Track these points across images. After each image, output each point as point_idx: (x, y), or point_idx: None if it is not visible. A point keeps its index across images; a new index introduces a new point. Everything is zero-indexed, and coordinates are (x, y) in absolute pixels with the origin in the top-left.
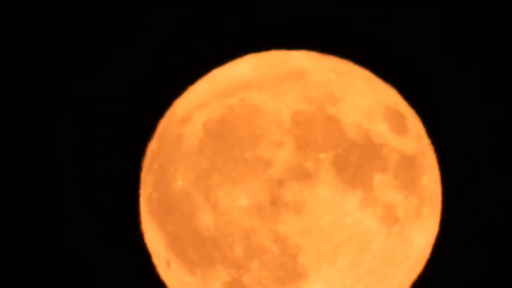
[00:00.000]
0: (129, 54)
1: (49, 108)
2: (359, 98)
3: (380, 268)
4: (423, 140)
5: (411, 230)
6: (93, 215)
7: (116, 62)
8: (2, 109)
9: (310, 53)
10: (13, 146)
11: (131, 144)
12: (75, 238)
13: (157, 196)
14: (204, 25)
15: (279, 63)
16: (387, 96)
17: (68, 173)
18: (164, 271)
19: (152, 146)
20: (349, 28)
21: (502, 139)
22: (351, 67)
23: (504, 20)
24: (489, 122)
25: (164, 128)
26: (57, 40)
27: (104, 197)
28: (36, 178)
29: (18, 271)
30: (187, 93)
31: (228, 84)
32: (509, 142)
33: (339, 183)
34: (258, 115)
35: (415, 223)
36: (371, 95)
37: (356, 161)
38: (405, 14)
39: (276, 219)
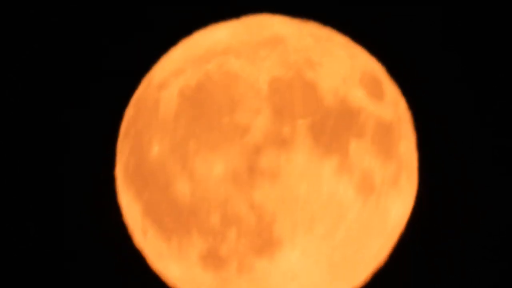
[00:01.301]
0: (107, 20)
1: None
2: (336, 63)
3: (357, 236)
4: (400, 106)
5: (388, 198)
6: (68, 181)
7: (94, 27)
8: None
9: (290, 19)
10: None
11: (108, 110)
12: (50, 204)
13: (133, 163)
14: None
15: (258, 29)
16: (365, 62)
17: (44, 137)
18: (140, 239)
19: (129, 113)
20: None
21: (480, 105)
22: (330, 33)
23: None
24: (467, 89)
25: (141, 94)
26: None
27: (80, 163)
28: (11, 143)
29: None
30: (164, 59)
31: (206, 50)
32: (487, 109)
33: (316, 149)
34: (235, 81)
35: (392, 191)
36: (349, 61)
37: (333, 126)
38: None
39: (252, 186)
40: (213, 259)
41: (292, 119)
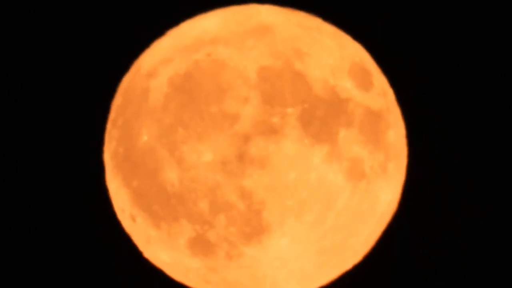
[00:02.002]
0: (96, 9)
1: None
2: (325, 54)
3: (345, 223)
4: (388, 96)
5: (377, 186)
6: (57, 170)
7: (81, 16)
8: None
9: (278, 8)
10: None
11: (97, 98)
12: (39, 192)
13: (122, 151)
14: None
15: (246, 18)
16: (353, 52)
17: (32, 126)
18: (129, 225)
19: (117, 101)
20: None
21: (468, 93)
22: (319, 23)
23: None
24: (455, 79)
25: (130, 83)
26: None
27: (69, 151)
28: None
29: None
30: (153, 48)
31: (194, 39)
32: (475, 99)
33: (305, 138)
34: (224, 70)
35: (381, 179)
36: (338, 51)
37: (322, 116)
38: None
39: (241, 174)
40: (201, 246)
41: (281, 108)
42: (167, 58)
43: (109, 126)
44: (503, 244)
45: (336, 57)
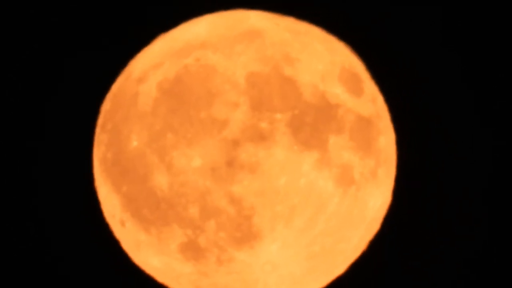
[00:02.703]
0: (86, 14)
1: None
2: (315, 59)
3: (335, 228)
4: (378, 102)
5: (367, 192)
6: (46, 174)
7: (72, 21)
8: None
9: (267, 13)
10: None
11: (86, 103)
12: (28, 197)
13: (111, 156)
14: None
15: (235, 23)
16: (343, 57)
17: (21, 131)
18: (118, 230)
19: (105, 106)
20: None
21: (459, 98)
22: (308, 28)
23: None
24: (445, 85)
25: (119, 88)
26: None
27: (57, 156)
28: None
29: None
30: (142, 53)
31: (184, 44)
32: (465, 103)
33: (294, 144)
34: (213, 75)
35: (371, 185)
36: (327, 56)
37: (312, 122)
38: None
39: (231, 180)
40: (192, 251)
41: (271, 114)
42: (157, 63)
43: (97, 130)
44: (495, 249)
45: (326, 62)
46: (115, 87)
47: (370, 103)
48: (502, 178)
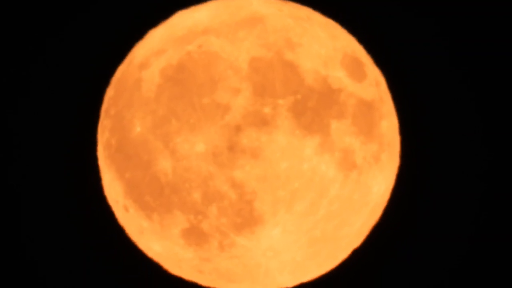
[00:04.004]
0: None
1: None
2: (316, 44)
3: (337, 213)
4: (381, 87)
5: (369, 176)
6: (50, 160)
7: (76, 7)
8: None
9: None
10: None
11: (90, 90)
12: (33, 183)
13: (115, 142)
14: None
15: (237, 9)
16: (345, 42)
17: (26, 115)
18: (122, 215)
19: (109, 92)
20: None
21: (461, 83)
22: (310, 13)
23: None
24: (447, 69)
25: (122, 75)
26: None
27: (62, 142)
28: None
29: None
30: (145, 40)
31: (187, 30)
32: (468, 89)
33: (296, 129)
34: (216, 61)
35: (374, 169)
36: (329, 41)
37: (314, 107)
38: None
39: (233, 165)
40: (194, 236)
41: (273, 99)
42: (160, 49)
43: (101, 117)
44: (497, 230)
45: (328, 48)
46: (118, 74)
47: (373, 87)
48: (505, 159)
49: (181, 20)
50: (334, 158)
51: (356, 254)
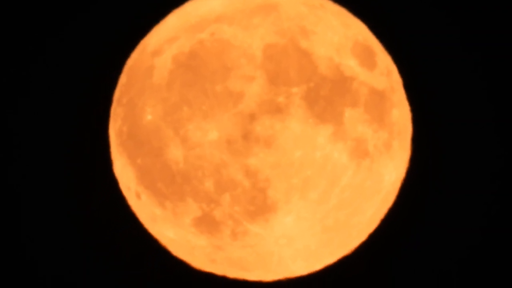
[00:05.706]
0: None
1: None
2: (330, 32)
3: (350, 201)
4: (392, 75)
5: (381, 164)
6: (63, 147)
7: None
8: None
9: None
10: None
11: (102, 77)
12: (46, 170)
13: (127, 129)
14: None
15: None
16: (357, 31)
17: (39, 103)
18: (134, 202)
19: (122, 80)
20: None
21: (473, 71)
22: (323, 1)
23: None
24: (459, 58)
25: (134, 62)
26: None
27: (75, 129)
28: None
29: None
30: (158, 27)
31: (199, 18)
32: (480, 77)
33: (310, 117)
34: (228, 48)
35: (385, 157)
36: (342, 29)
37: (327, 95)
38: None
39: (247, 153)
40: (207, 224)
41: (287, 87)
42: (173, 36)
43: (114, 104)
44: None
45: (340, 35)
46: (131, 62)
47: (384, 76)
48: None
49: (194, 8)
50: (347, 146)
51: (367, 243)
